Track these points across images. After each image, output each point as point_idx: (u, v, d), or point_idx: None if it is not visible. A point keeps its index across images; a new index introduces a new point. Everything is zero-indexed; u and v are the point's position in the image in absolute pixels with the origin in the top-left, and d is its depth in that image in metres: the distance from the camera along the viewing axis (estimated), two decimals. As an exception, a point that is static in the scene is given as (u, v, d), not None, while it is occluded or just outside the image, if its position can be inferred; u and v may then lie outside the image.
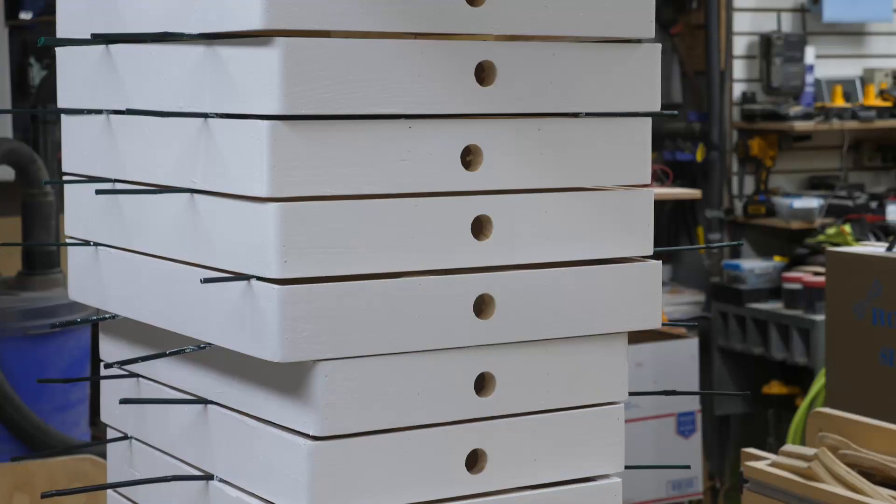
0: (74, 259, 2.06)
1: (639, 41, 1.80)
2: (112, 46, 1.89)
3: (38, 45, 1.77)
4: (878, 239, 6.46)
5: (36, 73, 6.75)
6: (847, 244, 6.04)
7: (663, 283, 5.54)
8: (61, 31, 2.04)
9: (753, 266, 6.73)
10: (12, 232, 4.93)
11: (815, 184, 7.26)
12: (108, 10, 1.90)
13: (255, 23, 1.57)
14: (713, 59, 6.97)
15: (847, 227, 6.52)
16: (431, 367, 1.69)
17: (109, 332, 2.07)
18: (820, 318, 6.08)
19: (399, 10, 1.63)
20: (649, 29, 1.80)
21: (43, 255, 4.48)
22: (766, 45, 6.96)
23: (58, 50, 2.06)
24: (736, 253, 7.02)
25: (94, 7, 1.93)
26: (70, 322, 2.07)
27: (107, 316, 1.99)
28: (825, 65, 7.24)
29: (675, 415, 6.01)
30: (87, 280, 2.03)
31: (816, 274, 6.35)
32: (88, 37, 1.84)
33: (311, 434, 1.63)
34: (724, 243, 3.02)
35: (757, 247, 7.10)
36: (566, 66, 1.75)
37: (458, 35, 1.68)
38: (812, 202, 6.79)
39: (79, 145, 2.02)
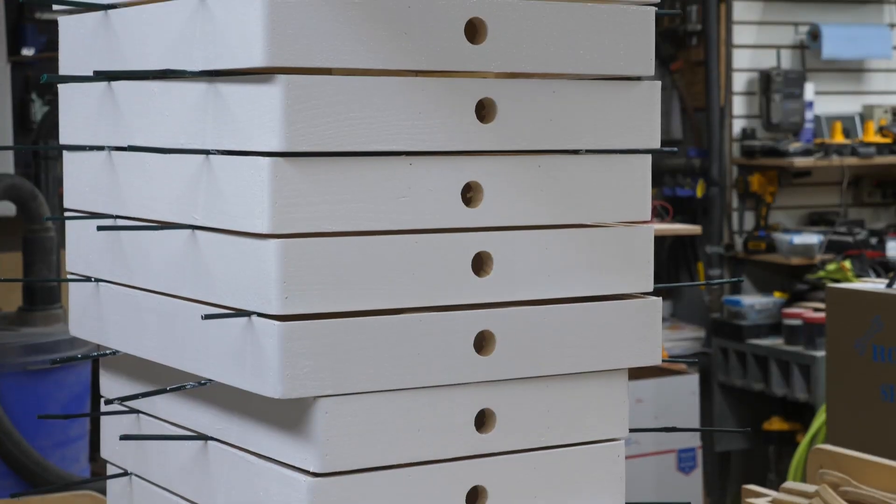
0: (75, 295, 2.06)
1: (638, 78, 1.81)
2: (114, 83, 1.90)
3: (40, 81, 1.78)
4: (879, 275, 6.46)
5: (38, 109, 6.78)
6: (847, 280, 6.04)
7: (663, 319, 5.53)
8: (63, 68, 2.05)
9: (754, 302, 6.73)
10: (13, 267, 4.93)
11: (814, 220, 7.26)
12: (110, 47, 1.91)
13: (256, 60, 1.58)
14: (713, 96, 7.00)
15: (847, 264, 6.52)
16: (432, 404, 1.69)
17: (110, 368, 2.07)
18: (820, 354, 6.07)
19: (400, 47, 1.64)
20: (649, 66, 1.81)
21: (44, 290, 4.48)
22: (765, 82, 6.98)
23: (60, 87, 2.07)
24: (736, 289, 7.02)
25: (96, 44, 1.94)
26: (71, 358, 2.07)
27: (107, 352, 1.99)
28: (825, 101, 7.26)
29: (675, 451, 6.00)
30: (87, 316, 2.03)
31: (817, 310, 6.35)
32: (91, 74, 1.85)
33: (311, 470, 1.63)
34: (725, 280, 3.02)
35: (757, 283, 7.10)
36: (566, 104, 1.75)
37: (459, 72, 1.69)
38: (812, 238, 6.79)
39: (80, 181, 2.02)
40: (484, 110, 1.70)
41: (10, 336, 4.33)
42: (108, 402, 2.04)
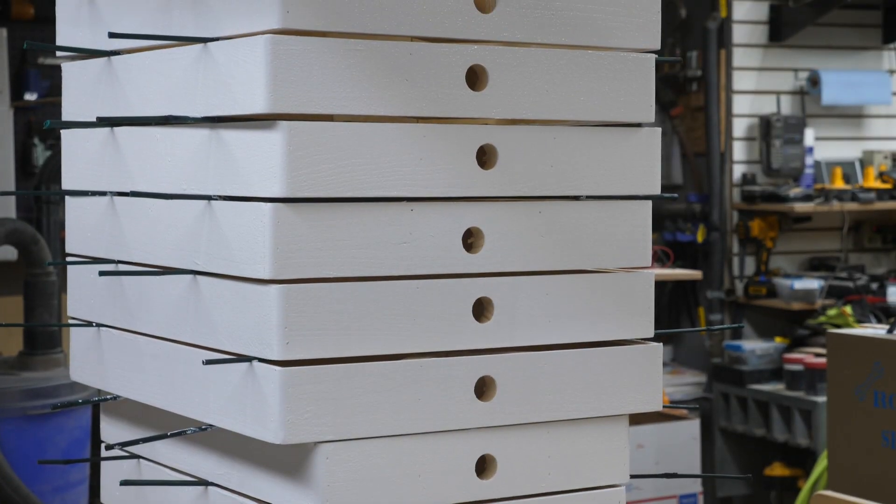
0: (76, 340, 2.06)
1: (639, 125, 1.82)
2: (116, 129, 1.91)
3: (44, 127, 1.79)
4: (880, 320, 6.46)
5: (40, 154, 6.80)
6: (848, 325, 6.04)
7: (664, 364, 5.52)
8: (67, 114, 2.05)
9: (755, 347, 6.72)
10: (14, 311, 4.92)
11: (815, 265, 7.26)
12: (113, 93, 1.92)
13: (259, 107, 1.59)
14: (713, 141, 7.01)
15: (848, 309, 6.52)
16: (432, 450, 1.69)
17: (110, 413, 2.07)
18: (822, 399, 6.06)
19: (401, 94, 1.64)
20: (649, 113, 1.82)
21: (44, 334, 4.47)
22: (765, 127, 7.00)
23: (63, 132, 2.08)
24: (737, 334, 7.02)
25: (99, 90, 1.95)
26: (71, 403, 2.07)
27: (108, 397, 1.99)
28: (824, 147, 7.28)
29: (676, 497, 5.97)
30: (88, 361, 2.04)
31: (818, 355, 6.34)
32: (94, 119, 1.86)
33: (311, 516, 1.62)
34: (725, 325, 3.02)
35: (758, 328, 7.09)
36: (567, 150, 1.76)
37: (460, 119, 1.70)
38: (813, 283, 6.79)
39: (82, 226, 2.03)
40: (485, 156, 1.71)
41: (10, 380, 4.32)
42: (109, 447, 2.04)
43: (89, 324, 2.02)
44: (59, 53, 2.05)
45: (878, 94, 7.21)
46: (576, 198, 1.78)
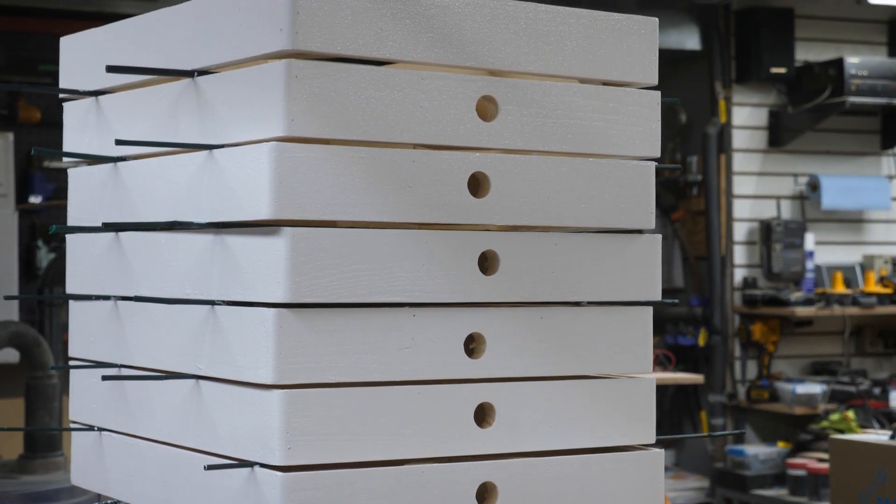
0: (78, 444, 2.06)
1: (639, 231, 1.84)
2: (121, 233, 1.92)
3: (49, 232, 1.80)
4: (882, 425, 6.44)
5: (43, 256, 6.82)
6: (851, 430, 6.02)
7: (666, 468, 5.50)
8: (72, 218, 2.07)
9: (757, 452, 6.69)
10: (15, 413, 4.91)
11: (817, 369, 7.26)
12: (118, 198, 1.93)
13: (263, 213, 1.60)
14: (714, 245, 7.04)
15: (851, 414, 6.50)
16: (434, 556, 1.68)
17: (111, 518, 2.06)
18: (825, 505, 6.03)
19: (404, 201, 1.66)
20: (649, 220, 1.83)
21: (45, 437, 4.45)
22: (766, 232, 7.04)
23: (68, 236, 2.09)
24: (739, 438, 6.99)
25: (104, 195, 1.97)
26: (72, 507, 2.06)
27: (108, 501, 1.98)
28: (825, 251, 7.30)
29: None
30: (90, 465, 2.03)
31: (821, 460, 6.31)
32: (99, 224, 1.87)
33: None
34: (728, 431, 3.02)
35: (760, 432, 7.06)
36: (568, 256, 1.77)
37: (462, 225, 1.71)
38: (815, 388, 6.78)
39: (85, 330, 2.03)
40: (486, 262, 1.72)
41: (10, 484, 4.30)
42: (109, 552, 2.03)
43: (91, 428, 2.02)
44: (65, 158, 2.06)
45: (877, 199, 7.26)
46: (577, 303, 1.79)
